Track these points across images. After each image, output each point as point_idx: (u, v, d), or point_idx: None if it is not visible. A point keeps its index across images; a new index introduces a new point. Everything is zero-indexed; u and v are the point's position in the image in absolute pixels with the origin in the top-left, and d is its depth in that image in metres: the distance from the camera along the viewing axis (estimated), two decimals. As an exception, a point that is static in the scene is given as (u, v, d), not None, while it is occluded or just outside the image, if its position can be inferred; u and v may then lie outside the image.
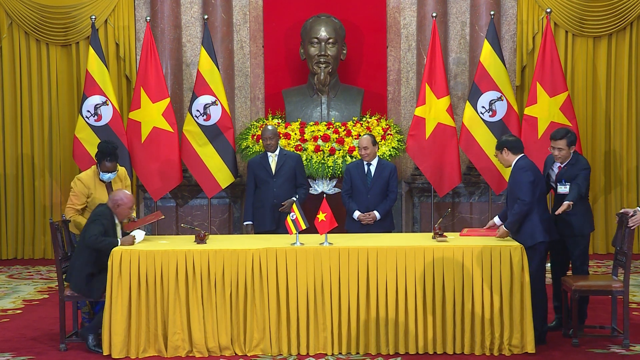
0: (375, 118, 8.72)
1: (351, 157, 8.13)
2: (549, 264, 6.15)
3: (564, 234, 5.86)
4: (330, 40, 8.65)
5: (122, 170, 6.40)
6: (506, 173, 8.33)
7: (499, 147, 5.84)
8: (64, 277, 5.74)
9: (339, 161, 8.15)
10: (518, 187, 5.60)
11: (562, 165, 6.00)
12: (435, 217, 8.63)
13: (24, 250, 9.76)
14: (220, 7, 9.20)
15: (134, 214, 6.07)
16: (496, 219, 5.95)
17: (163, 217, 6.40)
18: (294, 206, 5.69)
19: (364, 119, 8.69)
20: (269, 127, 7.18)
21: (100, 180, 6.19)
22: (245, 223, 7.14)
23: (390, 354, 5.45)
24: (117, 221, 5.84)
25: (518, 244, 5.53)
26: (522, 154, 5.77)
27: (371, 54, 9.39)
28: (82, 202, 6.15)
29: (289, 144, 8.25)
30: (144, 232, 5.93)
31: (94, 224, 5.66)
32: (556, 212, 5.75)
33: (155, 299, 5.49)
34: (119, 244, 5.64)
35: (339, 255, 5.48)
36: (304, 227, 5.64)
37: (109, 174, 6.18)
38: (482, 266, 5.42)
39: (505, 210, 5.85)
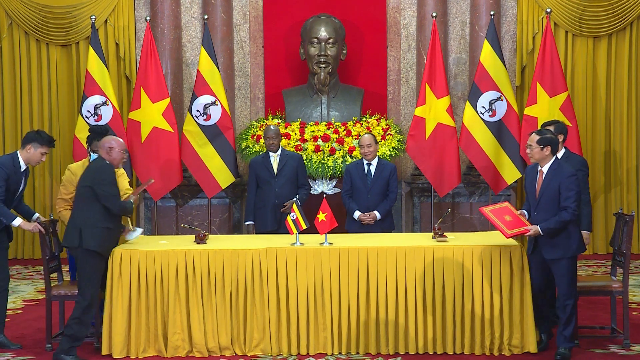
0: (375, 118, 8.72)
1: (351, 157, 8.13)
2: None
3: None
4: (330, 40, 8.65)
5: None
6: (506, 173, 8.38)
7: (544, 143, 5.35)
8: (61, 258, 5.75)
9: (339, 161, 8.15)
10: (567, 194, 5.24)
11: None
12: (435, 217, 8.63)
13: (24, 250, 9.77)
14: (220, 7, 9.20)
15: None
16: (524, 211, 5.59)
17: (153, 180, 6.51)
18: (294, 206, 5.70)
19: (364, 119, 8.69)
20: (272, 127, 7.18)
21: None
22: (246, 223, 7.14)
23: (390, 353, 5.46)
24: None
25: (518, 243, 5.53)
26: (556, 156, 5.44)
27: (371, 54, 9.39)
28: (70, 192, 6.03)
29: (289, 144, 8.24)
30: (141, 230, 5.92)
31: (111, 187, 5.43)
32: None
33: (155, 299, 5.50)
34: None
35: (339, 255, 5.48)
36: (304, 227, 5.65)
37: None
38: (482, 266, 5.42)
39: (529, 208, 5.50)
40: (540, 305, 5.54)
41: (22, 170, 5.87)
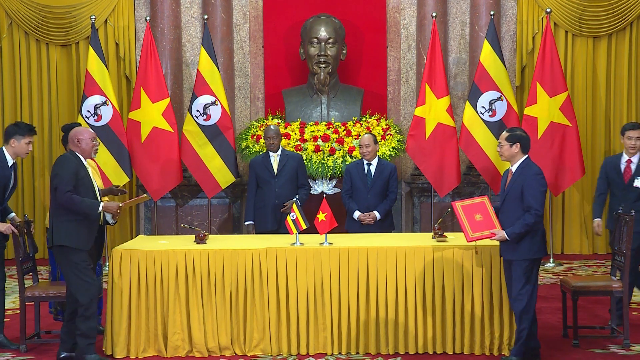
0: (375, 118, 8.72)
1: (351, 157, 8.13)
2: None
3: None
4: (330, 40, 8.65)
5: (93, 162, 6.37)
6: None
7: (513, 140, 5.17)
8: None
9: (339, 161, 8.15)
10: (532, 195, 5.01)
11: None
12: (435, 217, 8.63)
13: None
14: (220, 7, 9.21)
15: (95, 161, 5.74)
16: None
17: (149, 197, 6.43)
18: (294, 206, 5.70)
19: (364, 119, 8.69)
20: (272, 127, 7.17)
21: None
22: (246, 223, 7.13)
23: (390, 353, 5.46)
24: (85, 163, 5.34)
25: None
26: (527, 155, 5.22)
27: (371, 54, 9.39)
28: None
29: (288, 144, 8.25)
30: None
31: (59, 178, 5.13)
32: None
33: (155, 299, 5.49)
34: (101, 207, 5.22)
35: (339, 255, 5.48)
36: (304, 227, 5.65)
37: None
38: (482, 266, 5.42)
39: (498, 207, 5.27)
40: None
41: (9, 165, 5.84)
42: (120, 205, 5.36)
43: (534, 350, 5.21)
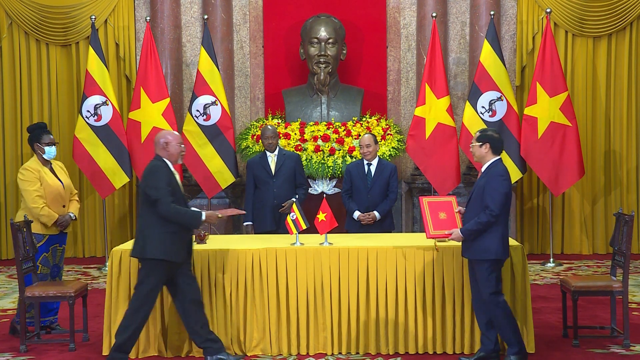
0: (375, 118, 8.72)
1: (351, 157, 8.13)
2: None
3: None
4: (330, 40, 8.66)
5: (60, 162, 6.38)
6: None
7: (483, 140, 5.13)
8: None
9: (339, 161, 8.15)
10: (491, 195, 4.96)
11: None
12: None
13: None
14: (220, 7, 9.21)
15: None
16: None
17: (244, 213, 6.08)
18: (294, 206, 5.69)
19: (364, 119, 8.69)
20: (269, 127, 7.16)
21: (45, 160, 6.06)
22: (245, 224, 7.12)
23: (390, 353, 5.45)
24: (173, 170, 5.13)
25: (518, 244, 5.53)
26: (499, 157, 5.16)
27: (371, 54, 9.39)
28: (40, 187, 5.98)
29: (288, 144, 8.25)
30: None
31: (157, 190, 4.93)
32: None
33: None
34: (203, 217, 5.09)
35: (338, 255, 5.48)
36: (304, 227, 5.64)
37: (53, 147, 6.07)
38: (482, 266, 5.41)
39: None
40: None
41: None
42: (219, 215, 5.29)
43: (494, 352, 5.17)
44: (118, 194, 9.56)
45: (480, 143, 5.14)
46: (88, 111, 8.45)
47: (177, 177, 5.19)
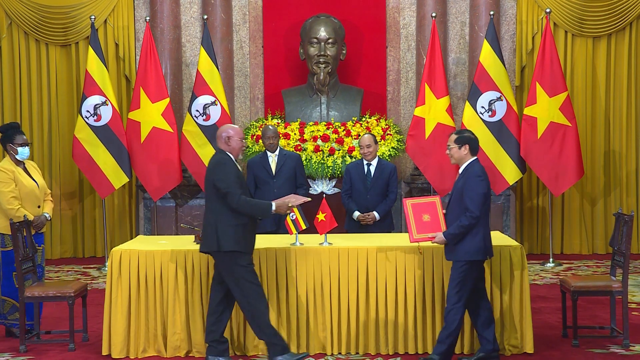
0: (375, 118, 8.72)
1: (351, 157, 8.13)
2: None
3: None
4: (330, 40, 8.66)
5: (33, 162, 6.36)
6: (506, 173, 8.40)
7: (461, 142, 5.09)
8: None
9: (339, 161, 8.15)
10: (469, 197, 4.96)
11: None
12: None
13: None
14: (219, 7, 9.21)
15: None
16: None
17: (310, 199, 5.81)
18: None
19: (364, 119, 8.69)
20: (270, 127, 7.16)
21: (18, 160, 6.04)
22: (245, 224, 7.11)
23: (390, 354, 5.45)
24: (236, 162, 5.15)
25: (518, 244, 5.53)
26: (476, 157, 5.15)
27: (371, 54, 9.39)
28: (15, 188, 5.95)
29: (288, 144, 8.25)
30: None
31: (226, 183, 4.96)
32: None
33: (155, 299, 5.49)
34: (273, 208, 5.14)
35: (338, 255, 5.48)
36: (304, 227, 5.64)
37: (26, 147, 6.04)
38: (482, 266, 5.41)
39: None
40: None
41: None
42: (290, 204, 5.27)
43: (494, 352, 5.17)
44: (118, 194, 9.55)
45: (460, 145, 5.11)
46: (88, 111, 8.45)
47: (240, 169, 5.20)
